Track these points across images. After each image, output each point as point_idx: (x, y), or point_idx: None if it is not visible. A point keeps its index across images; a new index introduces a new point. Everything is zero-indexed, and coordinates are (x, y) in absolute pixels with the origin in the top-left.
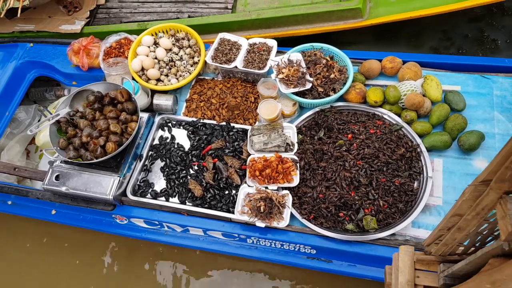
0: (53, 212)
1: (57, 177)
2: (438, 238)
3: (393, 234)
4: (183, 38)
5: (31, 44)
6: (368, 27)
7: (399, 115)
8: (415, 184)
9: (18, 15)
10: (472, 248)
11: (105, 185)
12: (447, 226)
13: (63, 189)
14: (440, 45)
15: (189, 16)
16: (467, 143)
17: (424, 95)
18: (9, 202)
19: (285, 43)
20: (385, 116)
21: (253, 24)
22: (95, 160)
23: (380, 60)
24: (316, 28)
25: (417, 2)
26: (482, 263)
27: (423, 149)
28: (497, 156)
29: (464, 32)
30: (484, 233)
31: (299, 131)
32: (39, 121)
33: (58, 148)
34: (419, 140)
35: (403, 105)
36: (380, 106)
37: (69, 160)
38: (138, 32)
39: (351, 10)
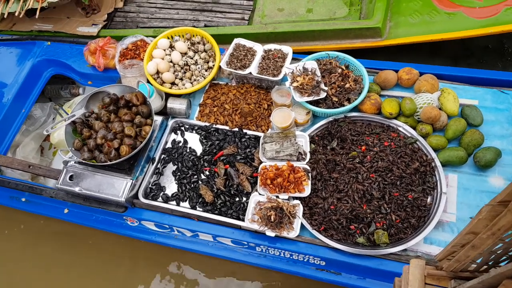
0: (66, 211)
1: (71, 177)
2: (451, 254)
3: (405, 250)
4: (198, 42)
5: (49, 43)
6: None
7: (414, 128)
8: (429, 199)
9: (37, 16)
10: (485, 266)
11: (117, 187)
12: (461, 243)
13: (77, 189)
14: (459, 54)
15: (205, 25)
16: (483, 160)
17: (440, 109)
18: (23, 199)
19: (299, 53)
20: (400, 129)
21: (268, 37)
22: (109, 163)
23: (397, 71)
24: (332, 45)
25: (439, 25)
26: (496, 283)
27: (438, 164)
28: None
29: (484, 43)
30: (499, 252)
31: (312, 140)
32: (54, 119)
33: (73, 149)
34: (434, 155)
35: (418, 118)
36: (395, 118)
37: (83, 162)
38: (153, 36)
39: (370, 29)
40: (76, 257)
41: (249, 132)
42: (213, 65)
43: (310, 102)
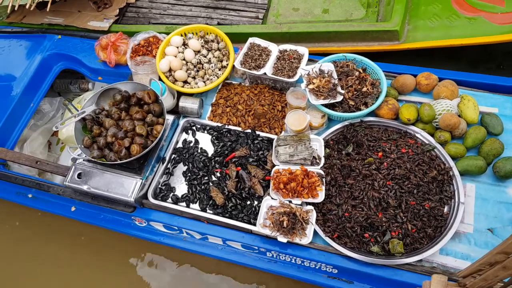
0: (73, 209)
1: (79, 175)
2: (477, 271)
3: (420, 260)
4: (212, 41)
5: (59, 36)
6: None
7: (432, 135)
8: (446, 209)
9: (48, 9)
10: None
11: (127, 187)
12: (489, 262)
13: (85, 187)
14: (478, 58)
15: (218, 23)
16: (503, 170)
17: (459, 116)
18: (30, 195)
19: (315, 55)
20: (418, 135)
21: (283, 37)
22: (119, 162)
23: (415, 76)
24: (348, 47)
25: (459, 30)
26: None
27: (456, 173)
28: None
29: (505, 48)
30: None
31: (326, 144)
32: (62, 114)
33: (82, 146)
34: (452, 163)
35: (437, 125)
36: (413, 124)
37: (93, 160)
38: (166, 33)
39: (388, 32)
40: (78, 254)
41: (262, 134)
42: (227, 64)
43: (326, 106)
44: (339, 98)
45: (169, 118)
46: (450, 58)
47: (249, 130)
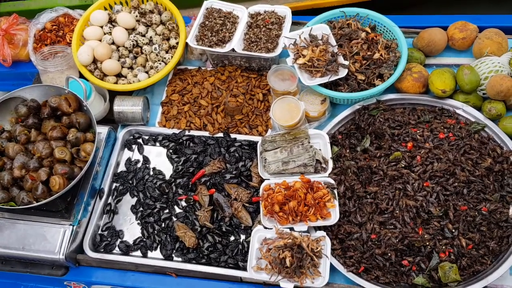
0: None
1: None
2: None
3: None
4: (151, 11)
5: None
6: None
7: (479, 109)
8: (511, 210)
9: None
10: None
11: (51, 239)
12: None
13: None
14: None
15: None
16: None
17: None
18: None
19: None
20: (459, 112)
21: None
22: (35, 204)
23: (445, 28)
24: None
25: None
26: None
27: None
28: None
29: None
30: None
31: (333, 140)
32: None
33: None
34: None
35: (484, 94)
36: (451, 96)
37: None
38: (82, 8)
39: None
40: None
41: (239, 137)
42: (177, 43)
43: (325, 85)
44: (343, 73)
45: (102, 130)
46: (492, 1)
47: (220, 134)
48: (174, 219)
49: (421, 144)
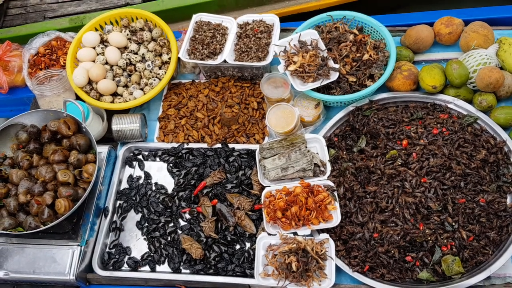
0: None
1: None
2: None
3: (488, 278)
4: (141, 29)
5: None
6: None
7: (470, 102)
8: (509, 200)
9: None
10: None
11: (60, 261)
12: None
13: (1, 274)
14: None
15: (143, 0)
16: None
17: (501, 68)
18: None
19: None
20: (451, 106)
21: (238, 2)
22: (42, 227)
23: (431, 24)
24: None
25: None
26: None
27: None
28: None
29: None
30: None
31: (330, 143)
32: None
33: None
34: (504, 135)
35: (474, 87)
36: (441, 92)
37: (5, 232)
38: (73, 30)
39: None
40: None
41: (237, 146)
42: (169, 59)
43: (318, 90)
44: (334, 76)
45: (102, 150)
46: None
47: (218, 145)
48: (179, 232)
49: (416, 141)
